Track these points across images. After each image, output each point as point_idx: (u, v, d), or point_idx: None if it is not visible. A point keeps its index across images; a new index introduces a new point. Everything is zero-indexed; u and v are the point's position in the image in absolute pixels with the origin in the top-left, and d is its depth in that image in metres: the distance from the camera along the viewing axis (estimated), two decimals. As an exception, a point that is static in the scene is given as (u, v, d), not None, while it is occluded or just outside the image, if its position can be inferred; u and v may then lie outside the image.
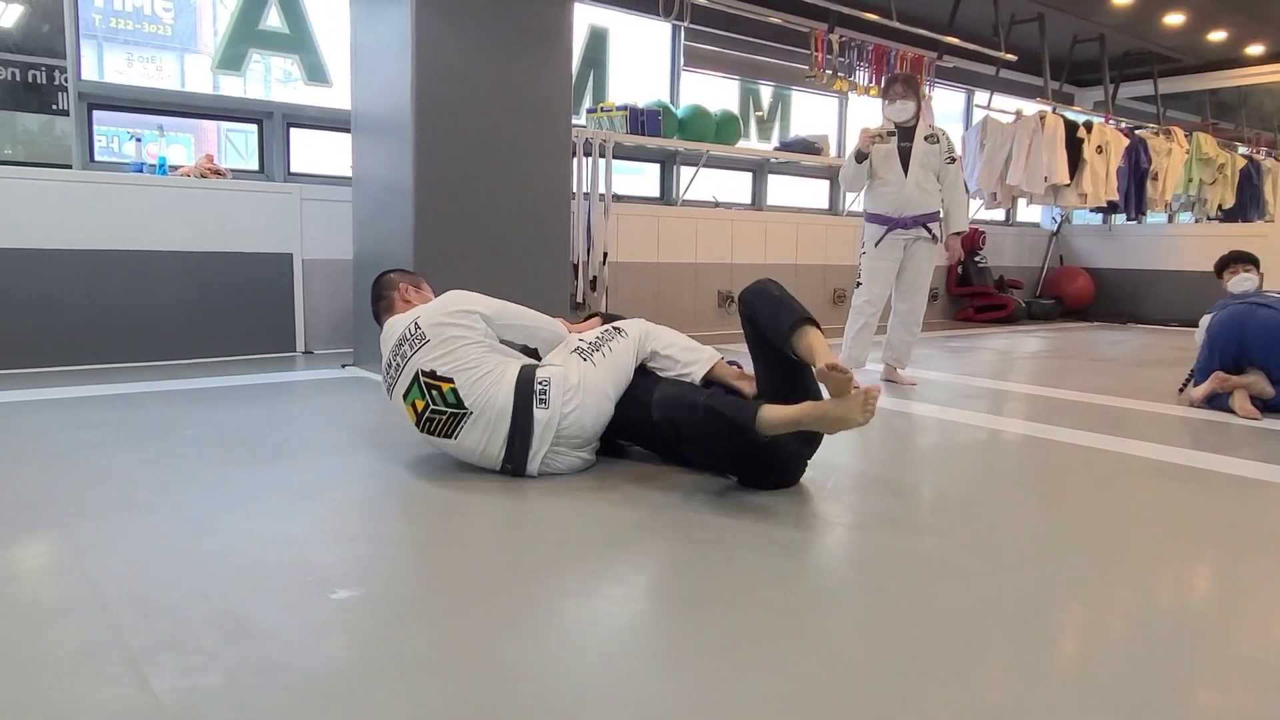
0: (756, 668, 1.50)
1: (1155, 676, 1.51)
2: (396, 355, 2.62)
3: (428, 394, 2.54)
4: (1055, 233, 9.95)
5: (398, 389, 2.61)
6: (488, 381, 2.53)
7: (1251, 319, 4.00)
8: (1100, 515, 2.45)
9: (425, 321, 2.60)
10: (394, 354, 2.63)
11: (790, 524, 2.28)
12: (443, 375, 2.53)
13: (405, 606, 1.74)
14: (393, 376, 2.63)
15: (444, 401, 2.53)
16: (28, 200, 4.32)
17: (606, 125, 6.09)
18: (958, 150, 4.65)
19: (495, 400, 2.52)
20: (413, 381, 2.56)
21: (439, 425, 2.56)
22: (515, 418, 2.52)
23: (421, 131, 4.06)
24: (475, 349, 2.57)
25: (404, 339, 2.61)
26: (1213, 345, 4.08)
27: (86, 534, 2.06)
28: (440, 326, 2.58)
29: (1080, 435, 3.43)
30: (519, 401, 2.52)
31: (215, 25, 5.14)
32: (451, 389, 2.52)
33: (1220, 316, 4.13)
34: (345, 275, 4.98)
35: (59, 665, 1.44)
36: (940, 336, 7.25)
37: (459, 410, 2.52)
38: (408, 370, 2.57)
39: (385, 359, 2.69)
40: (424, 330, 2.58)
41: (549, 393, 2.54)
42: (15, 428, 3.12)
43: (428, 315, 2.62)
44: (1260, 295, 4.24)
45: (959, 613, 1.75)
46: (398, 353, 2.61)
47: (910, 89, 4.49)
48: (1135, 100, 10.11)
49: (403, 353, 2.59)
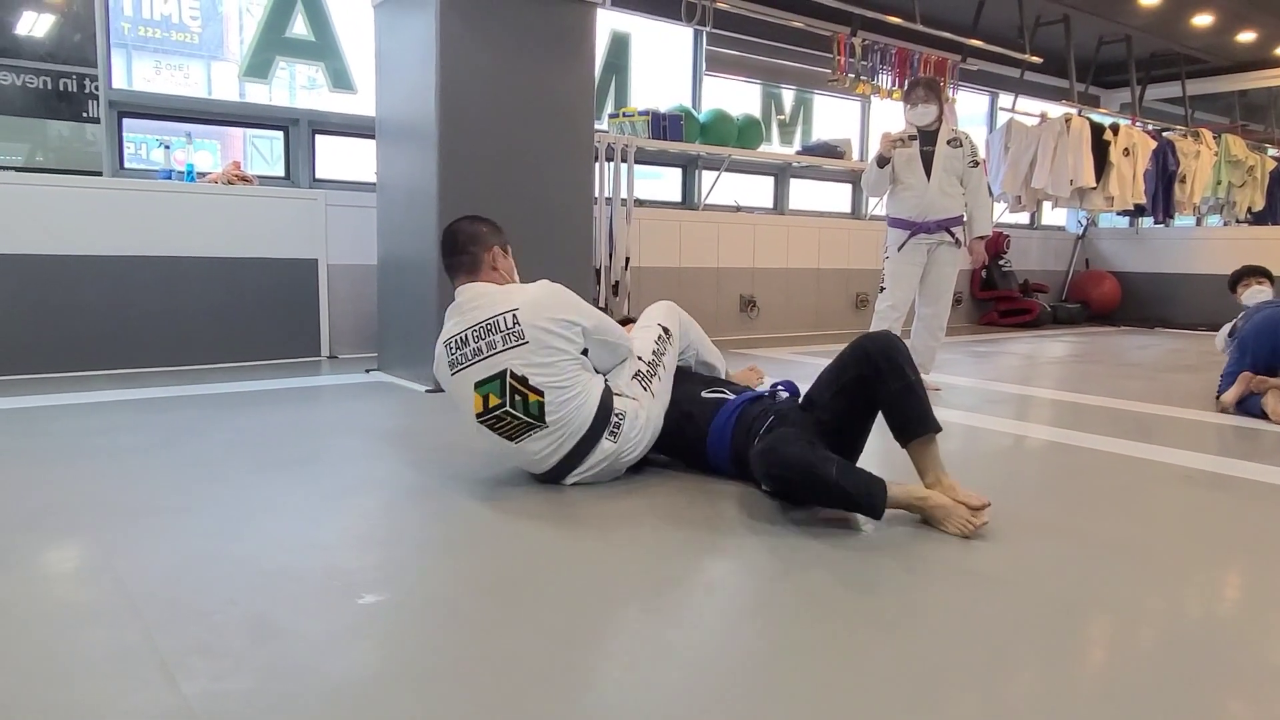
0: (778, 677, 1.49)
1: (1185, 686, 1.49)
2: (481, 339, 2.43)
3: (509, 396, 2.41)
4: (1081, 236, 9.86)
5: (470, 373, 2.45)
6: (574, 404, 2.45)
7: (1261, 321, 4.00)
8: (1128, 523, 2.42)
9: (526, 319, 2.42)
10: (476, 335, 2.44)
11: (812, 531, 2.27)
12: (534, 386, 2.40)
13: (432, 612, 1.75)
14: (465, 358, 2.45)
15: (524, 410, 2.42)
16: (59, 207, 4.39)
17: (628, 130, 6.10)
18: (981, 154, 4.61)
19: (574, 423, 2.46)
20: (496, 377, 2.41)
21: (506, 427, 2.46)
22: (583, 443, 2.50)
23: (445, 137, 4.08)
24: (572, 366, 2.46)
25: (495, 326, 2.42)
26: (1245, 347, 4.03)
27: (118, 538, 2.09)
28: (544, 333, 2.42)
29: (1107, 441, 3.40)
30: (594, 428, 2.49)
31: (242, 33, 5.21)
32: (538, 402, 2.41)
33: (1257, 319, 4.08)
34: (369, 280, 5.02)
35: (91, 668, 1.46)
36: (965, 341, 7.20)
37: (535, 423, 2.44)
38: (493, 362, 2.42)
39: (457, 332, 2.48)
40: (524, 329, 2.41)
41: (622, 427, 2.53)
42: (48, 431, 3.17)
43: (530, 312, 2.43)
44: None
45: (985, 621, 1.73)
46: (483, 337, 2.43)
47: (932, 92, 4.46)
48: (1163, 102, 10.00)
49: (491, 341, 2.42)
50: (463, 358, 2.47)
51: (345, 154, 5.51)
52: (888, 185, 4.53)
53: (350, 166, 5.52)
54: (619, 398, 2.56)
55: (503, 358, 2.41)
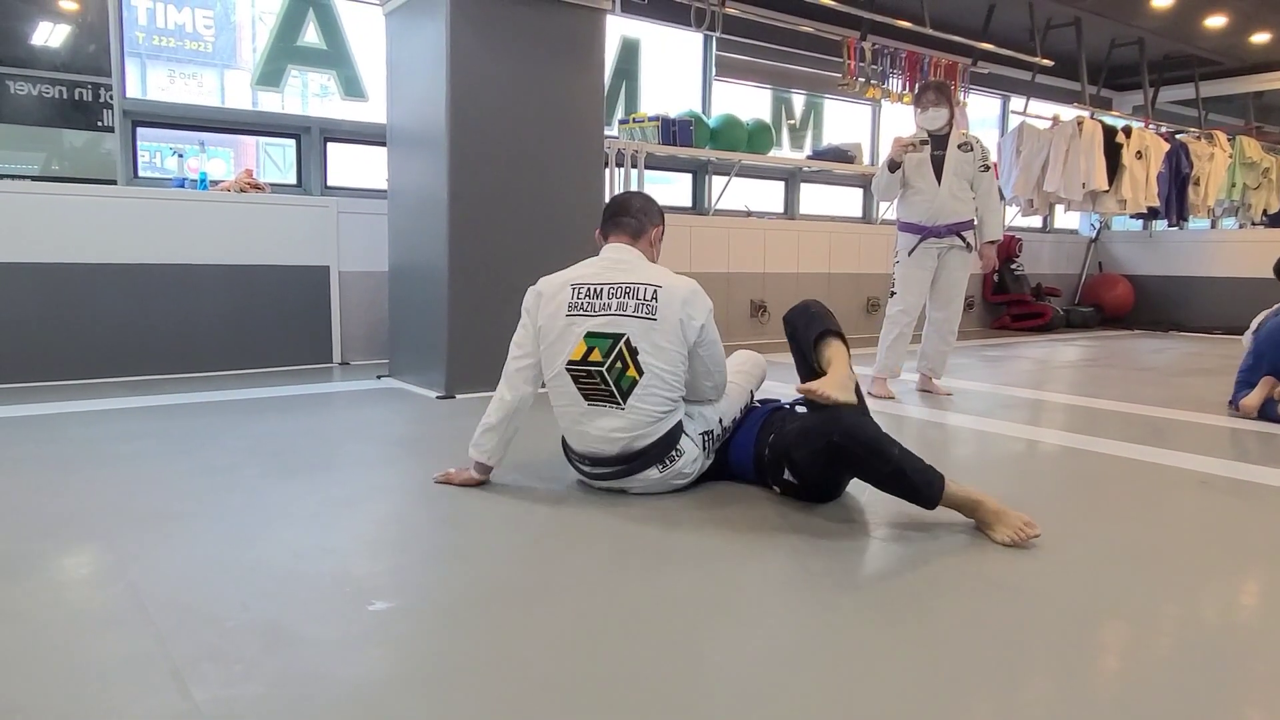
0: (790, 684, 1.49)
1: (1202, 694, 1.48)
2: (615, 296, 2.45)
3: (612, 359, 2.42)
4: (1094, 239, 9.80)
5: (588, 322, 2.44)
6: (656, 408, 2.46)
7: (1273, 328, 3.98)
8: (1144, 529, 2.41)
9: (665, 300, 2.44)
10: (612, 291, 2.46)
11: (825, 536, 2.26)
12: (640, 363, 2.42)
13: (443, 618, 1.75)
14: (592, 308, 2.45)
15: (616, 380, 2.42)
16: (75, 216, 4.42)
17: (638, 136, 6.11)
18: (992, 157, 4.59)
19: (645, 424, 2.47)
20: (612, 336, 2.42)
21: (589, 384, 2.45)
22: (636, 459, 2.50)
23: (456, 144, 4.10)
24: (676, 372, 2.47)
25: (634, 292, 2.44)
26: (1260, 352, 4.00)
27: (131, 544, 2.10)
28: (673, 321, 2.44)
29: (1122, 446, 3.37)
30: (652, 451, 2.50)
31: (255, 42, 5.24)
32: (633, 379, 2.42)
33: (1272, 323, 4.04)
34: (381, 287, 5.03)
35: (104, 674, 1.47)
36: (977, 345, 7.17)
37: (615, 399, 2.44)
38: (617, 321, 2.43)
39: (593, 281, 2.49)
40: (659, 307, 2.43)
41: (675, 464, 2.54)
42: (62, 438, 3.19)
43: (669, 295, 2.45)
44: None
45: (1000, 628, 1.72)
46: (618, 296, 2.45)
47: (943, 96, 4.44)
48: (1176, 104, 9.94)
49: (624, 304, 2.44)
50: (589, 306, 2.46)
51: (357, 161, 5.54)
52: (898, 190, 4.51)
53: (362, 174, 5.54)
54: (685, 437, 2.56)
55: (628, 322, 2.43)
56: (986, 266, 4.66)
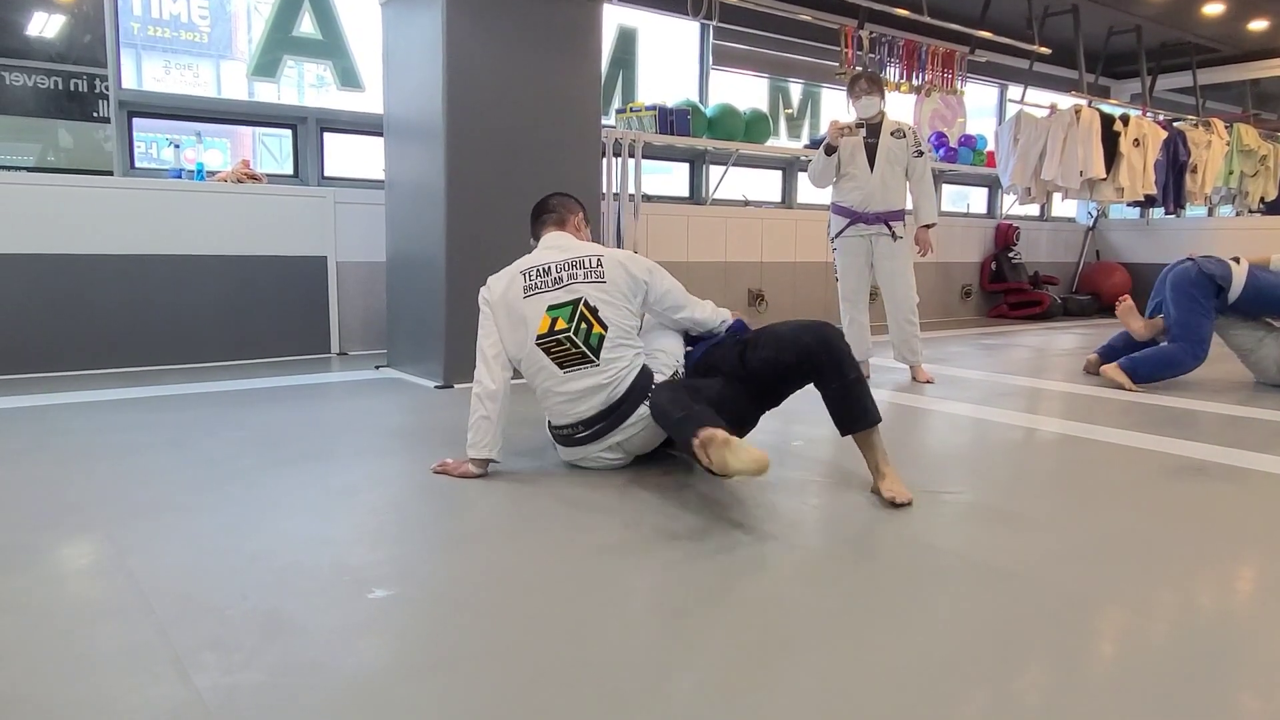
0: (788, 672, 1.50)
1: (1197, 680, 1.49)
2: (563, 270, 2.65)
3: (576, 323, 2.59)
4: (1091, 228, 9.80)
5: (546, 297, 2.62)
6: (628, 352, 2.63)
7: (1172, 271, 4.54)
8: (1140, 516, 2.42)
9: (609, 264, 2.67)
10: (559, 267, 2.66)
11: (817, 525, 2.27)
12: (602, 319, 2.60)
13: (442, 606, 1.76)
14: (545, 285, 2.64)
15: (584, 340, 2.59)
16: (71, 207, 4.41)
17: (636, 125, 6.09)
18: (925, 145, 4.69)
19: (621, 369, 2.61)
20: (571, 303, 2.61)
21: (562, 352, 2.60)
22: (622, 403, 2.61)
23: (453, 134, 4.09)
24: (633, 320, 2.68)
25: (580, 264, 2.66)
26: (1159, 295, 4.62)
27: (130, 535, 2.10)
28: (621, 280, 2.65)
29: (1119, 434, 3.38)
30: (636, 389, 2.61)
31: (250, 32, 5.22)
32: (599, 335, 2.59)
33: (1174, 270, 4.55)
34: (378, 277, 5.03)
35: (106, 664, 1.48)
36: (974, 334, 7.18)
37: (590, 356, 2.59)
38: (572, 290, 2.62)
39: (539, 263, 2.68)
40: (605, 271, 2.66)
41: None
42: (60, 429, 3.19)
43: (611, 259, 2.69)
44: None
45: (995, 615, 1.73)
46: (565, 270, 2.65)
47: (875, 85, 4.57)
48: (1173, 92, 9.92)
49: (573, 274, 2.65)
50: (542, 284, 2.65)
51: (354, 152, 5.53)
52: (834, 175, 4.61)
53: (359, 164, 5.53)
54: (658, 374, 2.69)
55: (581, 287, 2.63)
56: (923, 251, 4.69)
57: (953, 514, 2.38)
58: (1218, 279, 4.35)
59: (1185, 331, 4.39)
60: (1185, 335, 4.39)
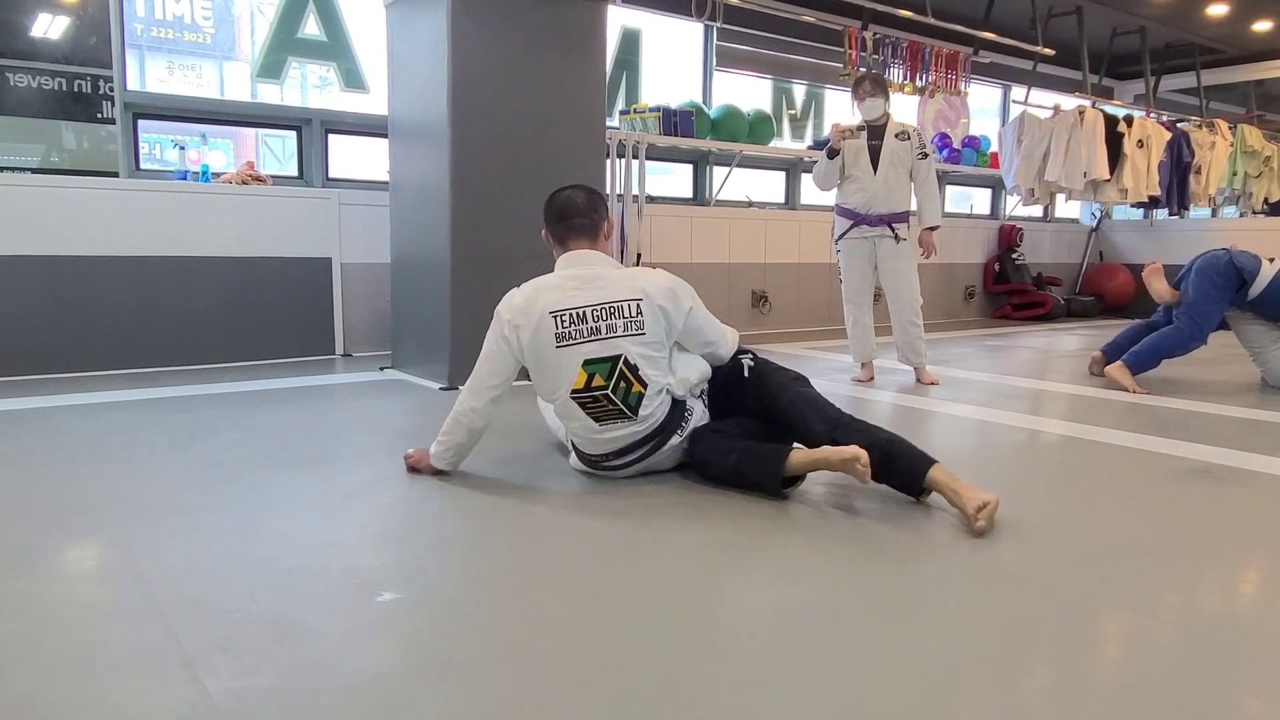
0: (794, 673, 1.50)
1: (1203, 683, 1.49)
2: (601, 319, 2.43)
3: (615, 379, 2.43)
4: (1095, 228, 9.79)
5: (583, 349, 2.43)
6: (660, 398, 2.52)
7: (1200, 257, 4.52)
8: (1144, 518, 2.42)
9: (649, 308, 2.46)
10: (597, 315, 2.43)
11: (824, 527, 2.27)
12: (642, 378, 2.45)
13: (450, 608, 1.76)
14: (581, 334, 2.43)
15: (623, 399, 2.45)
16: (77, 208, 4.42)
17: (639, 126, 6.10)
18: (929, 147, 4.68)
19: (655, 418, 2.53)
20: (610, 360, 2.43)
21: (598, 409, 2.47)
22: (656, 435, 2.55)
23: (457, 135, 4.10)
24: (667, 359, 2.55)
25: (620, 311, 2.44)
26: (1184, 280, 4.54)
27: (138, 537, 2.11)
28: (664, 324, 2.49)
29: (1123, 436, 3.38)
30: (669, 424, 2.56)
31: (254, 34, 5.23)
32: (639, 394, 2.46)
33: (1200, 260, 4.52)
34: (383, 279, 5.04)
35: (116, 666, 1.48)
36: (977, 335, 7.17)
37: (626, 415, 2.48)
38: (611, 344, 2.43)
39: (574, 306, 2.43)
40: (645, 320, 2.46)
41: (690, 421, 2.60)
42: (66, 431, 3.20)
43: (652, 303, 2.47)
44: None
45: (1001, 617, 1.73)
46: (604, 319, 2.43)
47: (879, 87, 4.55)
48: (1177, 93, 9.91)
49: (612, 325, 2.43)
50: (577, 334, 2.44)
51: (358, 153, 5.54)
52: (838, 178, 4.61)
53: (363, 166, 5.54)
54: (688, 400, 2.63)
55: (622, 342, 2.44)
56: (927, 253, 4.69)
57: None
58: (1245, 272, 4.36)
59: (1191, 311, 4.42)
60: (1190, 315, 4.42)
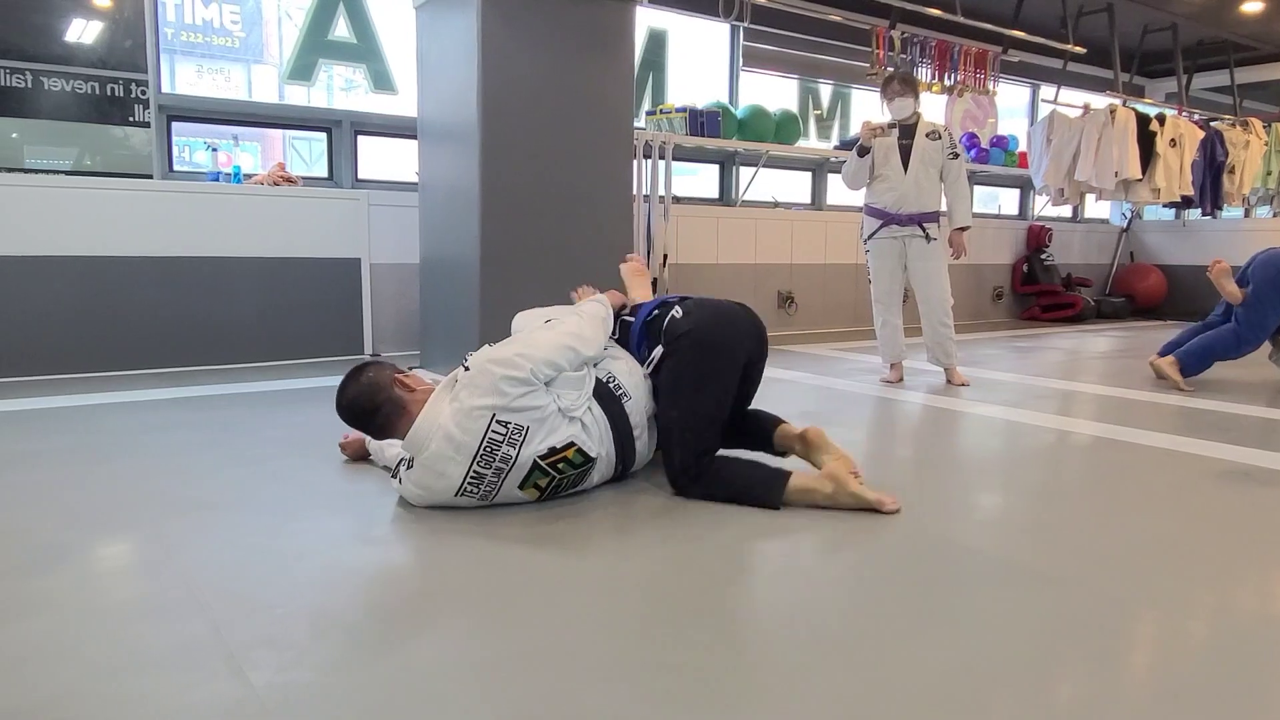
0: (825, 675, 1.49)
1: (1237, 684, 1.47)
2: (493, 461, 2.26)
3: (552, 470, 2.35)
4: (1125, 229, 9.68)
5: (504, 488, 2.33)
6: (591, 418, 2.42)
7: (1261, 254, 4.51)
8: (1181, 521, 2.38)
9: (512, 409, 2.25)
10: (484, 463, 2.26)
11: (852, 526, 2.26)
12: (562, 447, 2.34)
13: (487, 605, 1.77)
14: (493, 483, 2.30)
15: (571, 466, 2.38)
16: (112, 210, 4.48)
17: (666, 127, 6.10)
18: (960, 147, 4.65)
19: (601, 428, 2.44)
20: (530, 471, 2.32)
21: (567, 484, 2.43)
22: (615, 424, 2.48)
23: (487, 137, 4.11)
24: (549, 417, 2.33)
25: (497, 441, 2.24)
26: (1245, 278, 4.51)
27: (177, 533, 2.13)
28: (527, 410, 2.27)
29: (1160, 437, 3.34)
30: (619, 420, 2.49)
31: (281, 37, 5.28)
32: (577, 450, 2.37)
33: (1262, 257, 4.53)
34: (412, 279, 5.07)
35: (161, 661, 1.50)
36: (1006, 336, 7.11)
37: (587, 464, 2.42)
38: (520, 465, 2.29)
39: (464, 471, 2.25)
40: (521, 423, 2.26)
41: (623, 385, 2.53)
42: (103, 428, 3.24)
43: (506, 404, 2.25)
44: None
45: (1033, 618, 1.72)
46: (495, 455, 2.26)
47: (908, 87, 4.52)
48: (1210, 91, 9.77)
49: (505, 454, 2.26)
50: (491, 487, 2.32)
51: (387, 154, 5.57)
52: (867, 177, 4.58)
53: (392, 167, 5.58)
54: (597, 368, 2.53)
55: (524, 455, 2.29)
56: (957, 254, 4.65)
57: (989, 517, 2.36)
58: None
59: (1250, 315, 4.38)
60: (1247, 319, 4.38)
